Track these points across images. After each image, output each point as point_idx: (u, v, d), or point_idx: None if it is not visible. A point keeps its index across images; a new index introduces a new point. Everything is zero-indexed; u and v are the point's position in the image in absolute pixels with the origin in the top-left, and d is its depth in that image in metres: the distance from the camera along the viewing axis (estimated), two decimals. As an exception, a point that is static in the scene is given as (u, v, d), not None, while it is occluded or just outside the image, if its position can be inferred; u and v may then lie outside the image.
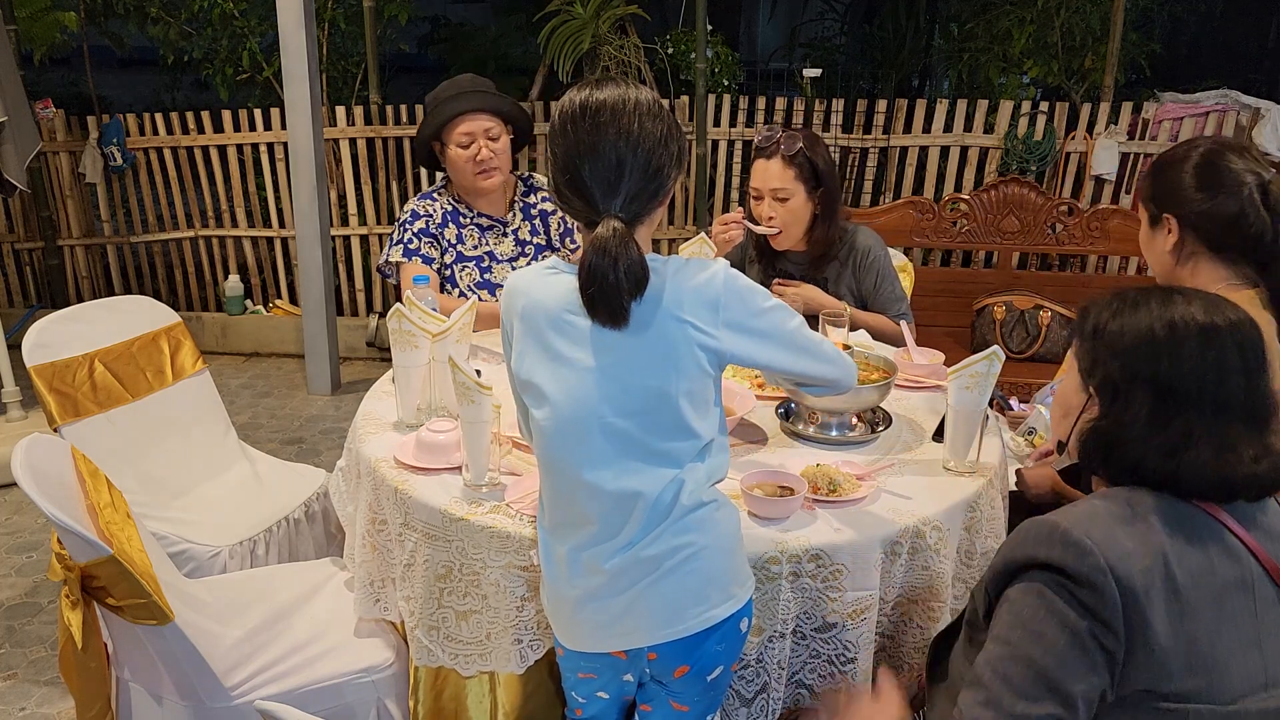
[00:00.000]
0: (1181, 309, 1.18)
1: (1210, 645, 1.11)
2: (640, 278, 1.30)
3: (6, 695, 2.49)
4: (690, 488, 1.38)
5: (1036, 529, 1.17)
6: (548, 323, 1.38)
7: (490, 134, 2.53)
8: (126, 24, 5.31)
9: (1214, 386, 1.15)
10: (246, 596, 2.02)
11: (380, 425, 1.98)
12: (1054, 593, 1.13)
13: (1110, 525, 1.13)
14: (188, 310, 5.24)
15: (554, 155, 1.36)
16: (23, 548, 3.21)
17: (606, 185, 1.33)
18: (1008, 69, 4.88)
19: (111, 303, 2.54)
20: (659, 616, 1.39)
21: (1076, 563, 1.11)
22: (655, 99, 1.38)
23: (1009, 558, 1.20)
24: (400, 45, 5.58)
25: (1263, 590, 1.15)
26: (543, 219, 2.70)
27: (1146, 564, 1.10)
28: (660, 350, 1.34)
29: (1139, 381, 1.17)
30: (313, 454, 3.95)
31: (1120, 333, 1.20)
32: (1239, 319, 1.18)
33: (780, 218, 2.48)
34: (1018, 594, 1.17)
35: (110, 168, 4.97)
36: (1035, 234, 3.84)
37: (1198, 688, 1.11)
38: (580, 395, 1.36)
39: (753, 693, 1.59)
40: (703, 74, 4.48)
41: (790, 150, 2.42)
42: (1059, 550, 1.12)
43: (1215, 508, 1.16)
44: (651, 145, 1.33)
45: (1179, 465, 1.14)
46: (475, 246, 2.64)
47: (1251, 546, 1.15)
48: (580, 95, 1.36)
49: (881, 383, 1.91)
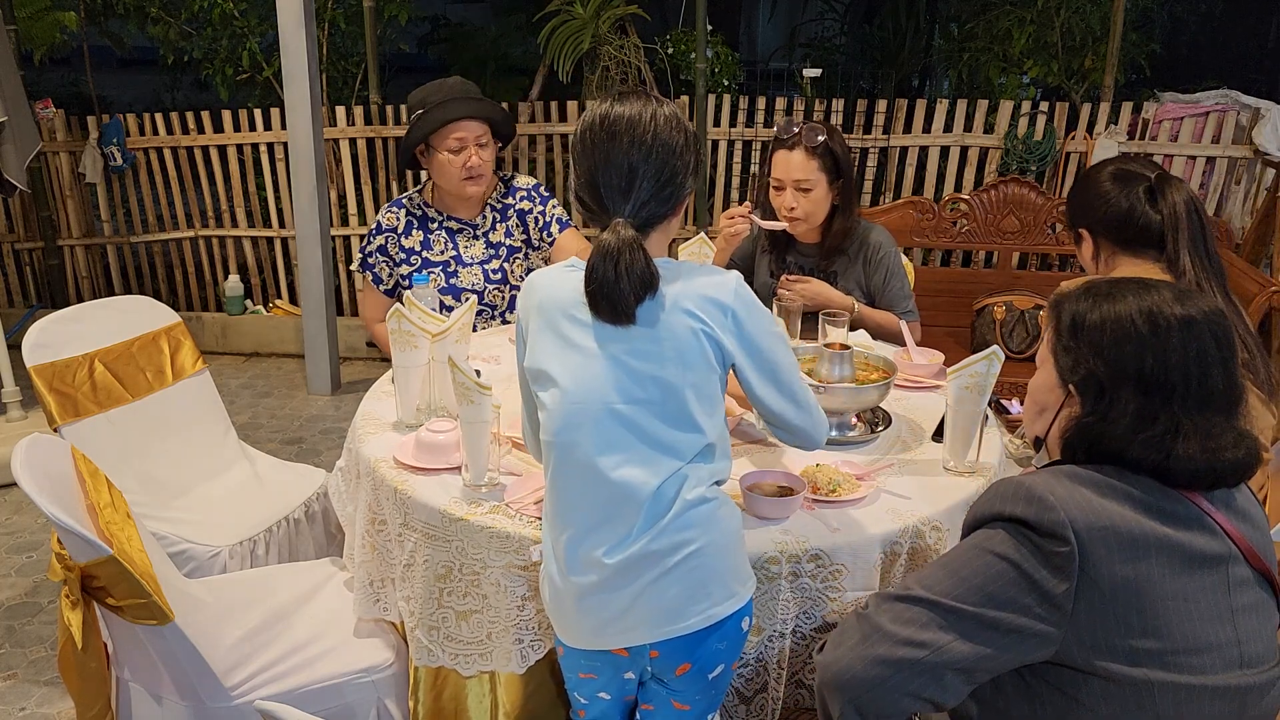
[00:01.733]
0: (1157, 300, 1.20)
1: (1174, 612, 1.12)
2: (646, 281, 1.35)
3: (6, 695, 2.49)
4: (693, 483, 1.39)
5: (1004, 487, 1.20)
6: (562, 314, 1.41)
7: (480, 141, 2.54)
8: (126, 24, 5.31)
9: (1197, 380, 1.17)
10: (246, 597, 2.02)
11: (380, 425, 1.98)
12: (1013, 536, 1.15)
13: (1077, 486, 1.16)
14: (188, 310, 5.24)
15: (575, 167, 1.43)
16: (23, 548, 3.21)
17: (618, 192, 1.39)
18: (1008, 69, 4.88)
19: (111, 303, 2.54)
20: (661, 614, 1.39)
21: (1039, 515, 1.13)
22: (675, 113, 1.42)
23: (976, 514, 1.23)
24: (400, 45, 5.58)
25: (1237, 570, 1.16)
26: (520, 218, 2.70)
27: (1110, 523, 1.12)
28: (669, 343, 1.37)
29: (1125, 380, 1.18)
30: (313, 454, 3.95)
31: (1101, 328, 1.20)
32: (1212, 309, 1.20)
33: (802, 208, 2.50)
34: (977, 534, 1.21)
35: (110, 168, 4.97)
36: (1035, 234, 3.84)
37: (1156, 651, 1.12)
38: (589, 380, 1.38)
39: (752, 692, 1.59)
40: (703, 74, 4.48)
41: (813, 142, 2.43)
42: (1023, 505, 1.15)
43: (1194, 494, 1.18)
44: (665, 155, 1.39)
45: (1169, 459, 1.15)
46: (442, 251, 2.65)
47: (1227, 529, 1.16)
48: (601, 108, 1.42)
49: (881, 383, 1.91)
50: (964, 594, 1.15)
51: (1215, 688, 1.13)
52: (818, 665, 1.26)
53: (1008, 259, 3.92)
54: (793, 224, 2.54)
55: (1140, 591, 1.12)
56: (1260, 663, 1.16)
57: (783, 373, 1.46)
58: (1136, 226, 1.89)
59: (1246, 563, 1.17)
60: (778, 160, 2.50)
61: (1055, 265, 4.42)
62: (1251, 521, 1.20)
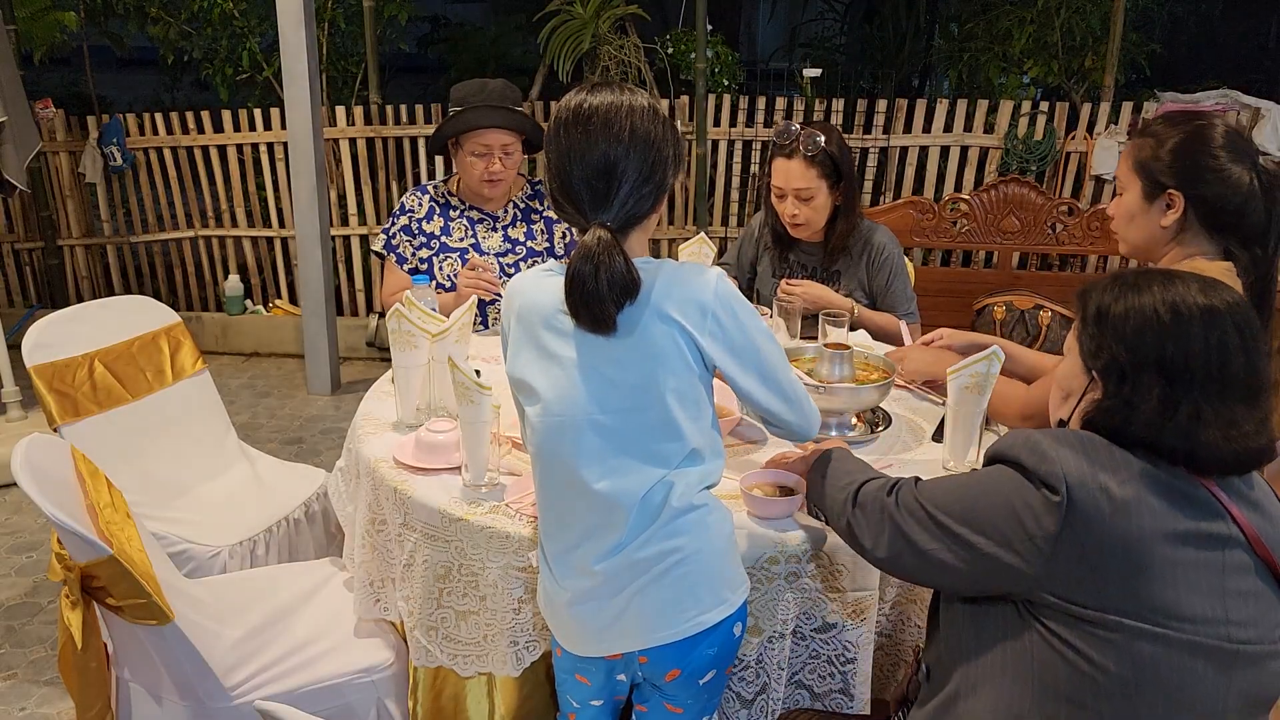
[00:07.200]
0: (1182, 291, 1.22)
1: (1160, 579, 1.14)
2: (626, 287, 1.31)
3: (6, 695, 2.49)
4: (680, 490, 1.37)
5: (1015, 436, 1.26)
6: (541, 321, 1.39)
7: (507, 149, 2.55)
8: (126, 24, 5.31)
9: (1218, 367, 1.18)
10: (246, 596, 2.02)
11: (380, 425, 1.98)
12: (1012, 477, 1.24)
13: (1083, 448, 1.20)
14: (188, 310, 5.24)
15: (549, 160, 1.37)
16: (23, 548, 3.21)
17: (595, 192, 1.33)
18: (1008, 69, 4.88)
19: (111, 303, 2.54)
20: (650, 620, 1.39)
21: (1037, 464, 1.19)
22: (651, 104, 1.37)
23: (991, 452, 1.30)
24: (400, 45, 5.57)
25: (1235, 555, 1.17)
26: (547, 226, 2.71)
27: (1105, 484, 1.16)
28: (648, 349, 1.34)
29: (1147, 365, 1.20)
30: (313, 454, 3.95)
31: (1125, 317, 1.23)
32: (1235, 300, 1.22)
33: (803, 215, 2.52)
34: (987, 469, 1.30)
35: (110, 168, 4.97)
36: (1035, 234, 3.84)
37: (1135, 609, 1.14)
38: (570, 392, 1.36)
39: (752, 694, 1.59)
40: (703, 74, 4.48)
41: (812, 150, 2.43)
42: (1026, 453, 1.22)
43: (1208, 481, 1.19)
44: (644, 150, 1.34)
45: (1194, 446, 1.17)
46: (461, 239, 2.67)
47: (1234, 513, 1.18)
48: (574, 100, 1.37)
49: (881, 383, 1.91)
50: (957, 513, 1.26)
51: (1197, 644, 1.14)
52: (843, 529, 1.43)
53: (1008, 259, 3.92)
54: (795, 229, 2.56)
55: (1128, 552, 1.14)
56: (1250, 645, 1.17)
57: (768, 368, 1.41)
58: (1242, 217, 1.66)
59: (1251, 552, 1.18)
60: (777, 168, 2.51)
61: (1055, 265, 4.42)
62: (1262, 511, 1.21)
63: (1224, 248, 1.71)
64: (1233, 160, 1.66)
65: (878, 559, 1.37)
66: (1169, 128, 1.73)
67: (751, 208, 4.79)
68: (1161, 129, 1.74)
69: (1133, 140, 1.78)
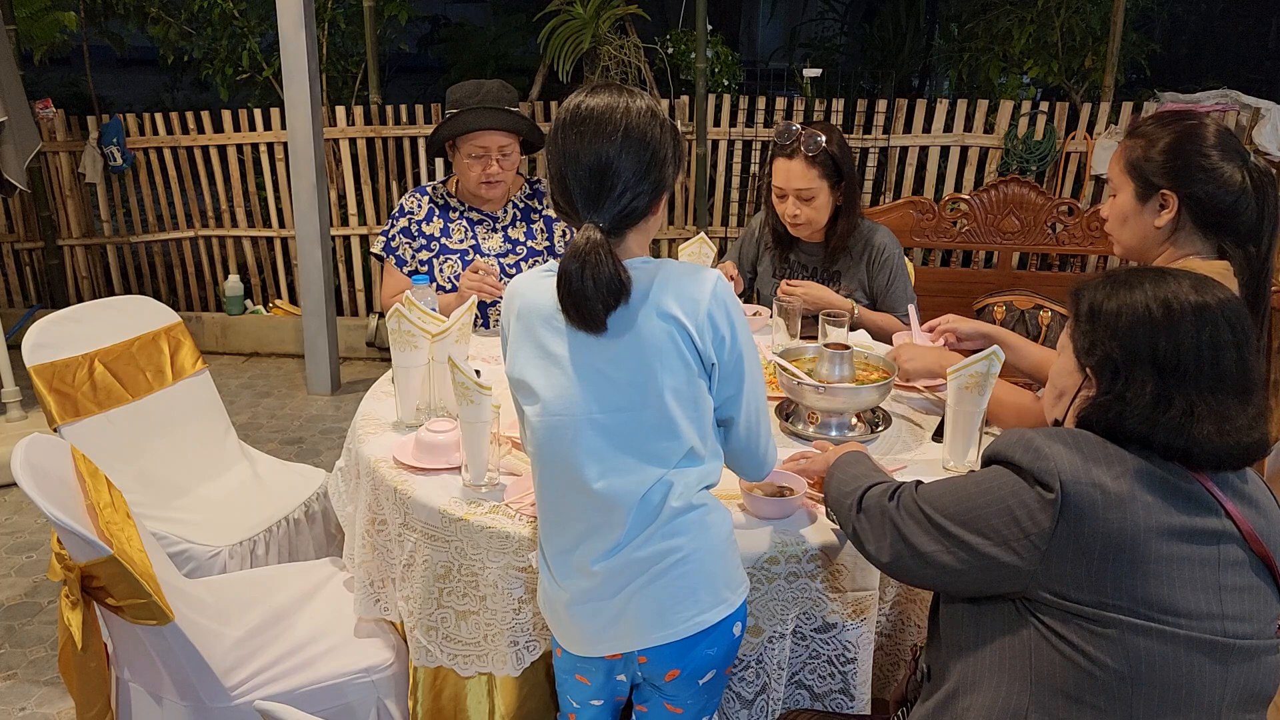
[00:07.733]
0: (1174, 288, 1.23)
1: (1155, 574, 1.14)
2: (614, 288, 1.30)
3: (6, 695, 2.49)
4: (679, 490, 1.37)
5: (1010, 435, 1.27)
6: (541, 321, 1.39)
7: (504, 150, 2.54)
8: (126, 24, 5.32)
9: (1210, 362, 1.19)
10: (246, 596, 2.02)
11: (380, 425, 1.98)
12: (1008, 477, 1.25)
13: (1077, 445, 1.20)
14: (188, 310, 5.25)
15: (549, 161, 1.38)
16: (23, 548, 3.21)
17: (589, 192, 1.33)
18: (1008, 69, 4.88)
19: (111, 303, 2.54)
20: (649, 620, 1.39)
21: (1032, 462, 1.20)
22: (649, 106, 1.37)
23: (988, 453, 1.31)
24: (400, 45, 5.58)
25: (1231, 550, 1.18)
26: (547, 225, 2.71)
27: (1100, 480, 1.16)
28: (646, 346, 1.34)
29: (1140, 361, 1.21)
30: (313, 454, 3.95)
31: (1117, 313, 1.24)
32: (1226, 297, 1.23)
33: (804, 215, 2.53)
34: (984, 470, 1.30)
35: (110, 168, 4.97)
36: (1035, 234, 3.83)
37: (1130, 605, 1.15)
38: (569, 392, 1.36)
39: (752, 694, 1.59)
40: (703, 74, 4.48)
41: (813, 150, 2.43)
42: (1020, 452, 1.22)
43: (1203, 476, 1.20)
44: (638, 150, 1.33)
45: (1188, 441, 1.18)
46: (461, 240, 2.67)
47: (1230, 509, 1.19)
48: (574, 101, 1.37)
49: (881, 383, 1.91)
50: (955, 514, 1.27)
51: (1193, 639, 1.15)
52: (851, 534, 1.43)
53: (1008, 259, 3.92)
54: (796, 229, 2.56)
55: (1123, 547, 1.14)
56: (1246, 639, 1.18)
57: (748, 381, 1.41)
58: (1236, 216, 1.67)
59: (1246, 547, 1.19)
60: (778, 169, 2.51)
61: (1055, 265, 4.42)
62: (1257, 507, 1.22)
63: (1218, 247, 1.72)
64: (1224, 159, 1.67)
65: (882, 564, 1.37)
66: (1160, 128, 1.73)
67: (751, 208, 4.79)
68: (1152, 130, 1.74)
69: (1123, 142, 1.78)
